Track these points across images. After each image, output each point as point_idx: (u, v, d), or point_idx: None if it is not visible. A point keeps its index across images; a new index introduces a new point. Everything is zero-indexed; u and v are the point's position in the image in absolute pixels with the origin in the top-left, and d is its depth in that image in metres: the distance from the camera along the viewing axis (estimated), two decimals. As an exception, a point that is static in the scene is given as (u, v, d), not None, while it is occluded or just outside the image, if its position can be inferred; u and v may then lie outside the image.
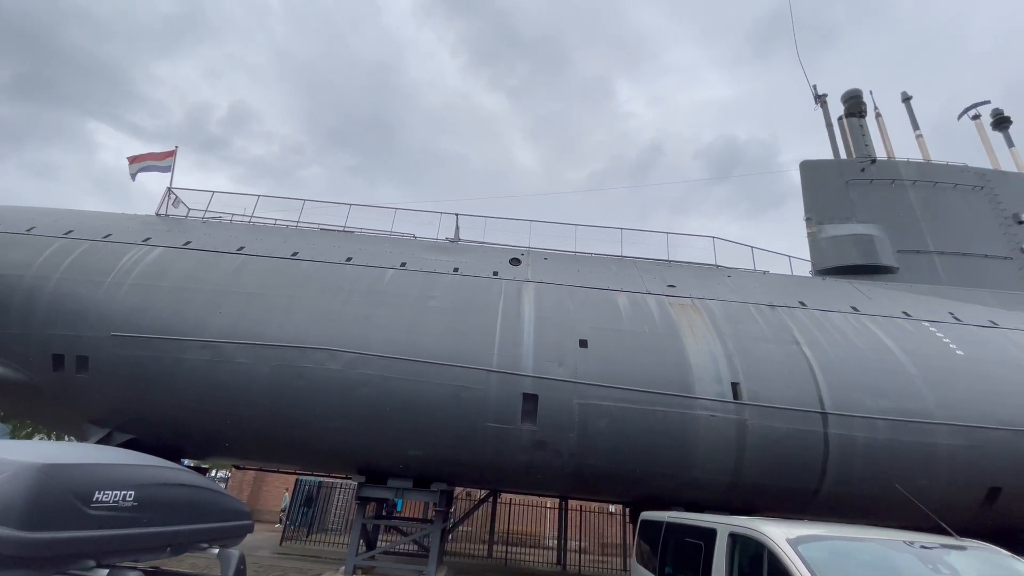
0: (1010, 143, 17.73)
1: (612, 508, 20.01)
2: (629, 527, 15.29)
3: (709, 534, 3.54)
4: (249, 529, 2.84)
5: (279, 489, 23.42)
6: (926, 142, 18.32)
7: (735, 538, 3.25)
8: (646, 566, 5.11)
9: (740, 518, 3.45)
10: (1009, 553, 2.65)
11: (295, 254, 11.84)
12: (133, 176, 14.68)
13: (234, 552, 2.24)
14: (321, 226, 13.85)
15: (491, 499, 15.74)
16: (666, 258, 13.66)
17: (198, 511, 2.28)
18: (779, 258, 14.73)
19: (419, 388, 9.44)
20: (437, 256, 12.18)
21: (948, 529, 3.26)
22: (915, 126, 19.10)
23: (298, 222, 13.88)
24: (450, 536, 16.79)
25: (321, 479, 18.08)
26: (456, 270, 11.59)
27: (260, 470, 17.94)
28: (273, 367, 9.70)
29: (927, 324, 11.90)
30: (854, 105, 18.86)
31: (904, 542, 2.78)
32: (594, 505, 19.09)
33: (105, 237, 11.75)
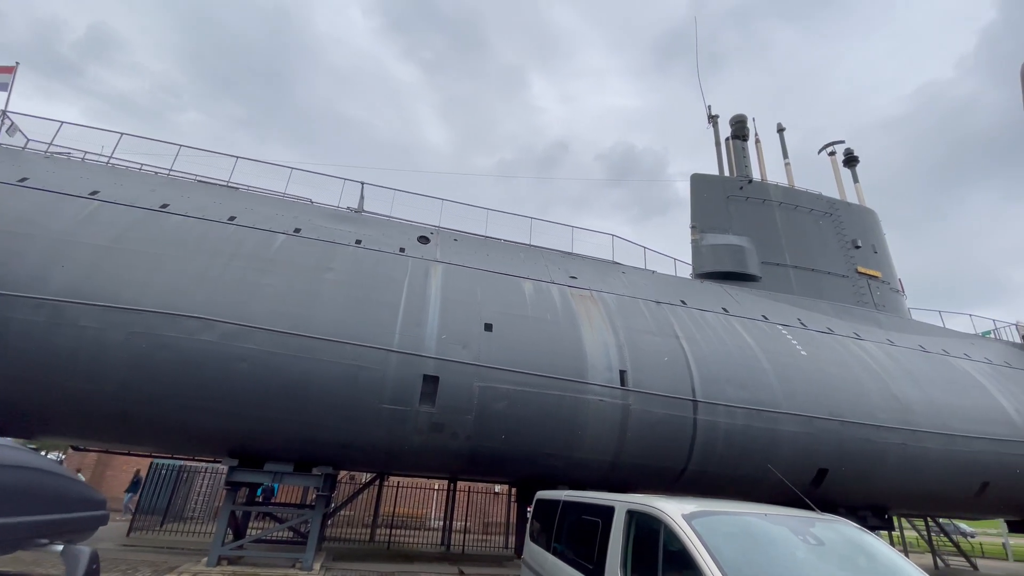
0: (855, 179, 21.04)
1: (497, 488, 20.57)
2: (513, 506, 15.81)
3: (607, 511, 3.71)
4: (103, 521, 2.34)
5: (129, 474, 20.56)
6: (792, 169, 21.07)
7: (632, 515, 3.43)
8: (538, 543, 5.27)
9: (636, 496, 3.66)
10: (858, 526, 3.14)
11: (165, 206, 10.29)
12: None
13: (84, 549, 1.81)
14: (200, 178, 12.20)
15: (377, 482, 15.27)
16: (569, 250, 14.16)
17: (38, 500, 1.80)
18: (666, 259, 16.05)
19: (308, 366, 8.76)
20: (337, 225, 11.35)
21: (811, 505, 3.76)
22: (785, 154, 21.85)
23: (170, 170, 12.08)
24: (330, 521, 16.04)
25: (182, 462, 16.19)
26: (359, 242, 10.91)
27: (105, 452, 15.57)
28: (130, 335, 8.37)
29: (780, 327, 13.74)
30: (739, 129, 21.02)
31: (777, 515, 3.15)
32: (480, 486, 19.44)
33: None
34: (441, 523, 16.92)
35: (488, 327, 10.10)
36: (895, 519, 18.38)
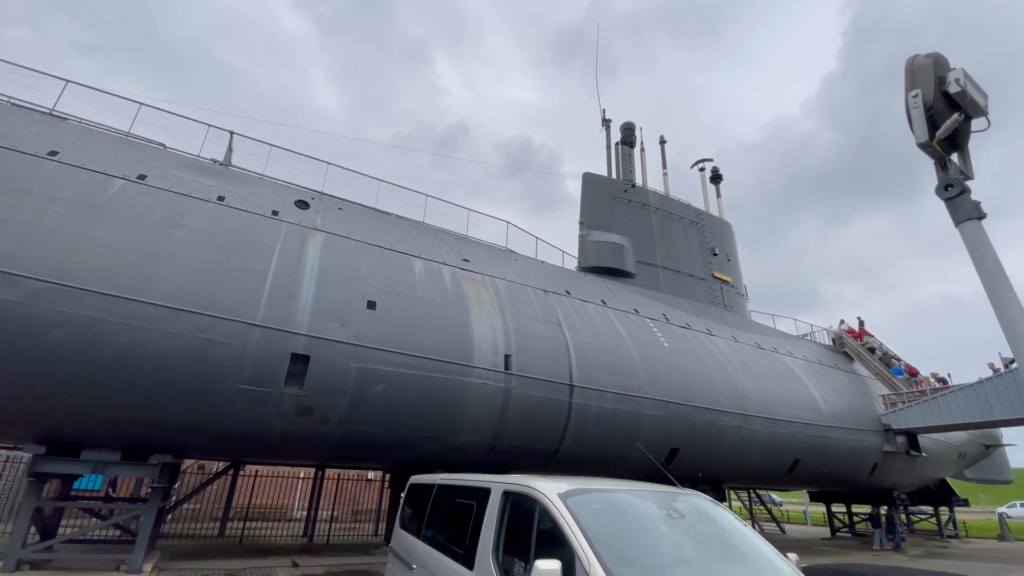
0: (719, 194, 23.65)
1: (371, 475, 19.82)
2: (387, 492, 15.32)
3: (482, 493, 3.59)
4: None
5: None
6: (668, 179, 23.07)
7: (508, 495, 3.35)
8: (408, 530, 5.02)
9: (512, 476, 3.59)
10: (710, 499, 3.41)
11: (-48, 128, 8.04)
12: None
13: None
14: (13, 100, 9.75)
15: (231, 471, 13.74)
16: (464, 233, 13.92)
17: None
18: (555, 251, 16.61)
19: (145, 336, 7.44)
20: (196, 177, 9.81)
21: (674, 481, 4.00)
22: (664, 165, 23.84)
23: (-36, 85, 9.48)
24: (170, 516, 14.10)
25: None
26: (221, 199, 9.53)
27: None
28: None
29: (648, 320, 14.96)
30: (628, 136, 22.43)
31: (644, 491, 3.28)
32: (352, 473, 18.56)
33: None
34: (305, 513, 15.82)
35: (371, 305, 9.49)
36: (727, 492, 21.28)
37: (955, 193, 8.35)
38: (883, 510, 19.56)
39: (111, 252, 7.71)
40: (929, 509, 22.85)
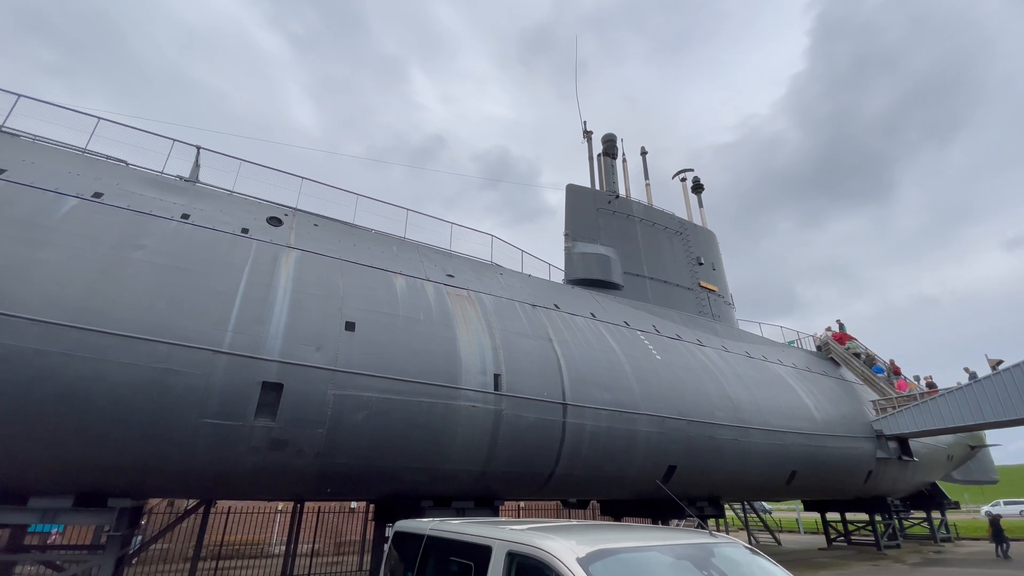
0: (700, 204, 23.63)
1: (354, 505, 18.87)
2: (371, 524, 14.49)
3: (482, 552, 3.04)
4: None
5: None
6: (651, 189, 23.00)
7: (513, 557, 2.80)
8: (395, 580, 4.40)
9: (519, 531, 3.03)
10: (748, 547, 2.93)
11: None
12: None
13: None
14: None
15: (202, 508, 12.79)
16: (447, 248, 13.41)
17: None
18: (541, 264, 16.19)
19: (96, 369, 6.71)
20: (158, 195, 9.13)
21: (704, 524, 3.51)
22: (646, 176, 23.77)
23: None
24: (135, 559, 13.03)
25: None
26: (186, 217, 8.86)
27: None
28: None
29: (639, 332, 14.57)
30: (610, 147, 22.31)
31: (675, 545, 2.78)
32: (334, 504, 17.62)
33: None
34: (283, 548, 14.84)
35: (350, 326, 8.88)
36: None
37: None
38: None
39: (59, 277, 6.98)
40: (922, 514, 22.73)
